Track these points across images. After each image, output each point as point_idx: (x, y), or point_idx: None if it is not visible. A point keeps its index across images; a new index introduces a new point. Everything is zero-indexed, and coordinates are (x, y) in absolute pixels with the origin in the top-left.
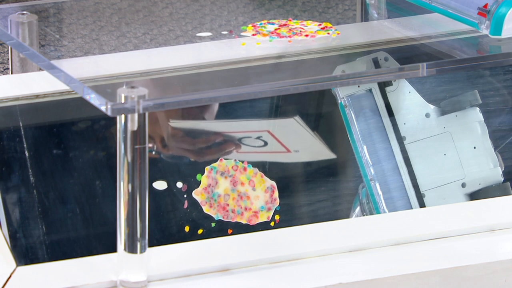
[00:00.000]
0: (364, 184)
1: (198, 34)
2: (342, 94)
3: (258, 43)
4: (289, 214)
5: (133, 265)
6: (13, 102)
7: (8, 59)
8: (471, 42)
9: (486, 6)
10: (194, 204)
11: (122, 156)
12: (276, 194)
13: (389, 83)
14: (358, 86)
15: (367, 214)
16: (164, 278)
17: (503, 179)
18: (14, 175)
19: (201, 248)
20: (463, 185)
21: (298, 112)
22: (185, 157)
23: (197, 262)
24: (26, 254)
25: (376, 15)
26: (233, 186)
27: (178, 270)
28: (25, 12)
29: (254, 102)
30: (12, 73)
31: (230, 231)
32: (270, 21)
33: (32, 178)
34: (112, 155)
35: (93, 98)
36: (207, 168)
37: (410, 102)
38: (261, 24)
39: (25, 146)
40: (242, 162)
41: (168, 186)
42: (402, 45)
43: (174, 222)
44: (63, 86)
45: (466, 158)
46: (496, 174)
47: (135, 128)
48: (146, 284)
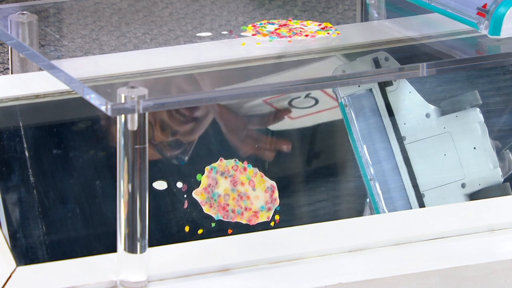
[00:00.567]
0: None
1: (198, 34)
2: (342, 93)
3: (258, 43)
4: (289, 214)
5: (133, 265)
6: (13, 102)
7: (8, 59)
8: (470, 42)
9: (485, 6)
10: (194, 204)
11: (122, 156)
12: (276, 194)
13: (389, 83)
14: (359, 86)
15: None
16: (164, 278)
17: (503, 180)
18: (14, 175)
19: (201, 248)
20: (463, 185)
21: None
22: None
23: (197, 262)
24: (26, 254)
25: (376, 15)
26: (233, 186)
27: (178, 270)
28: (25, 12)
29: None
30: (12, 73)
31: (230, 231)
32: (270, 21)
33: (32, 178)
34: (112, 155)
35: (93, 98)
36: (207, 168)
37: (410, 102)
38: (261, 24)
39: (25, 146)
40: (242, 162)
41: (168, 186)
42: (402, 45)
43: (174, 222)
44: (63, 86)
45: (466, 159)
46: (496, 175)
47: (135, 128)
48: (146, 284)
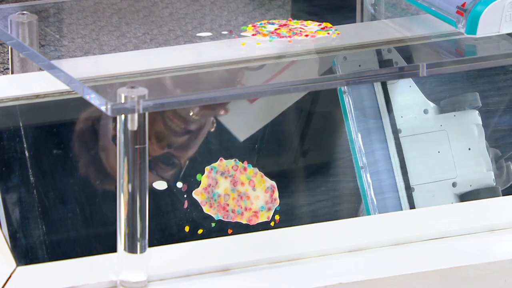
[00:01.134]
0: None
1: (198, 34)
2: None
3: (258, 43)
4: (289, 214)
5: (133, 265)
6: (13, 102)
7: (8, 59)
8: (449, 43)
9: (464, 5)
10: (194, 204)
11: (122, 156)
12: (276, 194)
13: None
14: (359, 66)
15: None
16: (164, 278)
17: (495, 184)
18: (14, 175)
19: (201, 248)
20: (454, 184)
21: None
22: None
23: (197, 262)
24: (26, 254)
25: (375, 15)
26: (233, 186)
27: (178, 270)
28: (25, 12)
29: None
30: (12, 73)
31: (230, 231)
32: (270, 21)
33: (32, 178)
34: (111, 155)
35: (93, 98)
36: (207, 168)
37: (409, 96)
38: (261, 24)
39: (25, 146)
40: (242, 162)
41: (168, 186)
42: (402, 45)
43: (174, 222)
44: (63, 86)
45: (460, 159)
46: (488, 178)
47: (135, 128)
48: (146, 284)
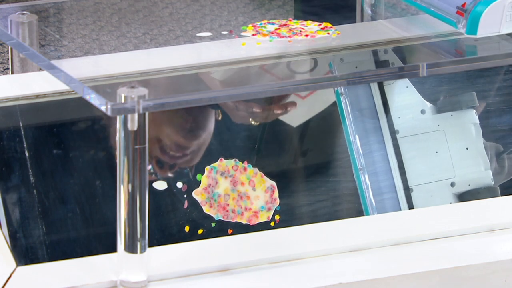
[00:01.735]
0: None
1: (198, 34)
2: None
3: (258, 43)
4: (289, 214)
5: (133, 265)
6: (13, 102)
7: (8, 59)
8: (449, 43)
9: (464, 5)
10: (194, 204)
11: (122, 156)
12: (276, 194)
13: None
14: (356, 67)
15: None
16: (164, 278)
17: (493, 183)
18: (14, 175)
19: (201, 248)
20: (452, 184)
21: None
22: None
23: (197, 262)
24: (26, 254)
25: (373, 16)
26: (233, 186)
27: (178, 270)
28: (25, 12)
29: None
30: (12, 73)
31: (230, 231)
32: (270, 21)
33: (32, 178)
34: (112, 155)
35: (93, 98)
36: (207, 168)
37: (406, 97)
38: (261, 24)
39: (25, 146)
40: (242, 162)
41: (168, 186)
42: (403, 45)
43: (174, 222)
44: (63, 86)
45: (458, 158)
46: (486, 177)
47: (135, 128)
48: (146, 284)
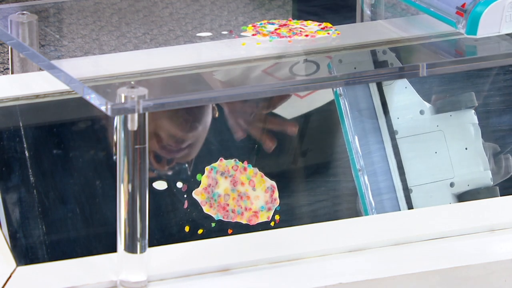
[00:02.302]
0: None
1: (198, 34)
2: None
3: (258, 43)
4: (289, 214)
5: (133, 265)
6: (13, 102)
7: (8, 59)
8: (449, 43)
9: (463, 5)
10: (194, 204)
11: (122, 156)
12: (276, 194)
13: None
14: (355, 68)
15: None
16: (164, 278)
17: (492, 183)
18: (14, 175)
19: (201, 248)
20: (452, 184)
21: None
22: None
23: (197, 262)
24: (26, 254)
25: (373, 16)
26: (233, 186)
27: (178, 270)
28: (25, 12)
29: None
30: (12, 73)
31: (230, 231)
32: (270, 21)
33: (32, 178)
34: (112, 155)
35: (93, 98)
36: (207, 168)
37: (405, 97)
38: (261, 24)
39: (25, 146)
40: (242, 162)
41: (168, 186)
42: (403, 45)
43: (174, 222)
44: (63, 86)
45: (457, 159)
46: (485, 177)
47: (135, 128)
48: (146, 284)
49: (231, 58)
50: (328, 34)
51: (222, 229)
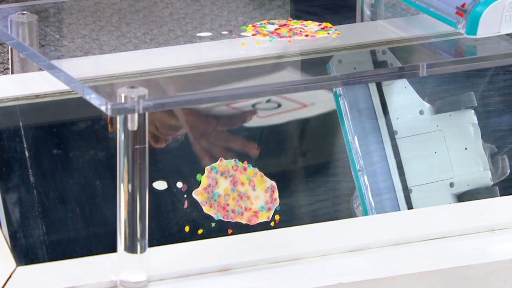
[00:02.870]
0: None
1: (198, 34)
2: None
3: (258, 43)
4: (289, 214)
5: (133, 265)
6: (13, 102)
7: (8, 59)
8: (449, 43)
9: (463, 5)
10: (194, 204)
11: (122, 156)
12: (276, 194)
13: None
14: (354, 68)
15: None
16: (164, 278)
17: (492, 183)
18: (14, 175)
19: (201, 248)
20: (451, 184)
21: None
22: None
23: (197, 262)
24: (26, 254)
25: (372, 16)
26: (233, 186)
27: (178, 270)
28: (25, 12)
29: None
30: (12, 73)
31: (230, 231)
32: (270, 21)
33: (32, 178)
34: (112, 155)
35: (93, 98)
36: (207, 168)
37: (405, 97)
38: (261, 24)
39: (25, 146)
40: (242, 162)
41: (168, 186)
42: (403, 45)
43: (174, 222)
44: (63, 86)
45: (457, 159)
46: (485, 177)
47: (135, 128)
48: (146, 284)
49: (231, 58)
50: (328, 34)
51: (222, 229)
